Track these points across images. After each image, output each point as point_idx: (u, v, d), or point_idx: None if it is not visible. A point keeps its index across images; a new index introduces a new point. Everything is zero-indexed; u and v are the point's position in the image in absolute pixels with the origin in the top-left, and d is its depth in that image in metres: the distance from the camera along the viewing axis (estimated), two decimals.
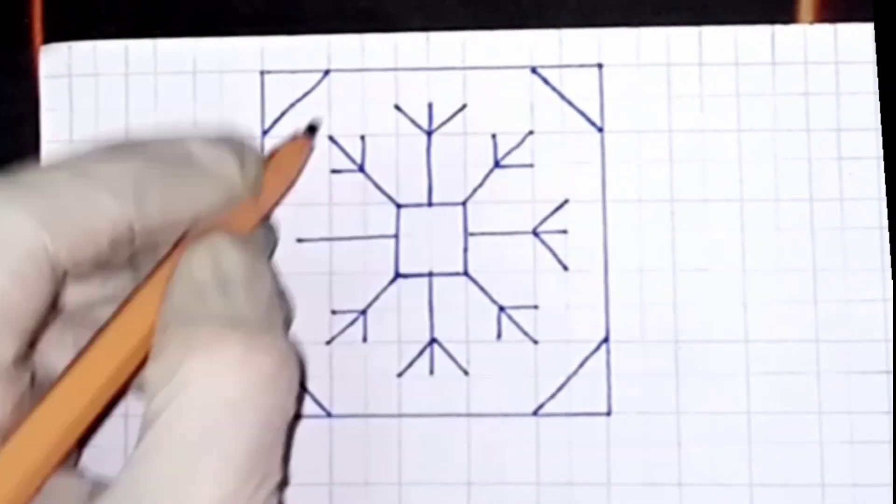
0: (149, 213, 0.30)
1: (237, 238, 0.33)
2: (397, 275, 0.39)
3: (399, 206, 0.39)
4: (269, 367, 0.30)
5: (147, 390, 0.30)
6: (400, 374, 0.38)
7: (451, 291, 0.39)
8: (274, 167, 0.36)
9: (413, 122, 0.39)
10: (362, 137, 0.39)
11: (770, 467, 0.37)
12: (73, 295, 0.34)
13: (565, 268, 0.39)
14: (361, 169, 0.39)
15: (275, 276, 0.34)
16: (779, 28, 0.39)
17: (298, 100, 0.39)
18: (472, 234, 0.39)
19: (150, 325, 0.31)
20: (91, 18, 0.40)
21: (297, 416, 0.38)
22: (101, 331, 0.31)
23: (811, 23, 0.39)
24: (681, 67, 0.39)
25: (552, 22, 0.39)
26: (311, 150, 0.38)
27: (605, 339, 0.38)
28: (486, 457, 0.38)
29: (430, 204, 0.39)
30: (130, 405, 0.37)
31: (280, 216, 0.39)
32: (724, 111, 0.39)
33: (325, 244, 0.39)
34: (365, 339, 0.38)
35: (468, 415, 0.38)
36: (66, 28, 0.40)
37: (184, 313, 0.30)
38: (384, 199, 0.39)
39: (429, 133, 0.39)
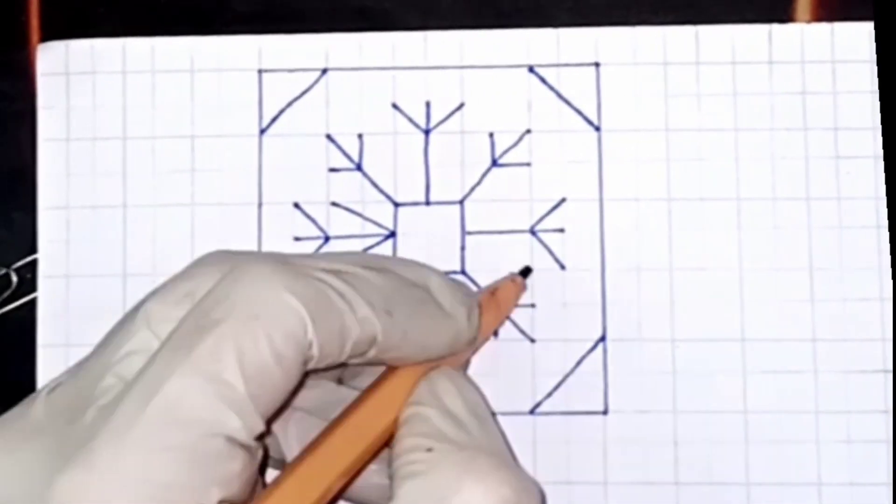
0: (393, 332, 0.31)
1: (466, 373, 0.34)
2: None
3: (397, 205, 0.39)
4: None
5: (402, 500, 0.30)
6: None
7: None
8: (491, 306, 0.36)
9: (411, 120, 0.39)
10: (360, 136, 0.39)
11: (767, 466, 0.37)
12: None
13: (562, 266, 0.39)
14: (359, 167, 0.39)
15: None
16: (776, 27, 0.39)
17: (296, 98, 0.39)
18: (469, 233, 0.39)
19: (378, 435, 0.32)
20: (88, 17, 0.40)
21: None
22: (331, 429, 0.32)
23: (808, 22, 0.39)
24: (678, 66, 0.39)
25: (549, 21, 0.39)
26: (524, 290, 0.38)
27: (602, 338, 0.38)
28: None
29: (427, 202, 0.39)
30: None
31: (278, 215, 0.39)
32: (721, 110, 0.39)
33: (323, 243, 0.39)
34: None
35: None
36: (62, 26, 0.40)
37: (447, 438, 0.31)
38: (382, 197, 0.39)
39: (426, 132, 0.39)
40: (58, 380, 0.31)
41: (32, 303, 0.39)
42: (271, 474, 0.32)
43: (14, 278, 0.39)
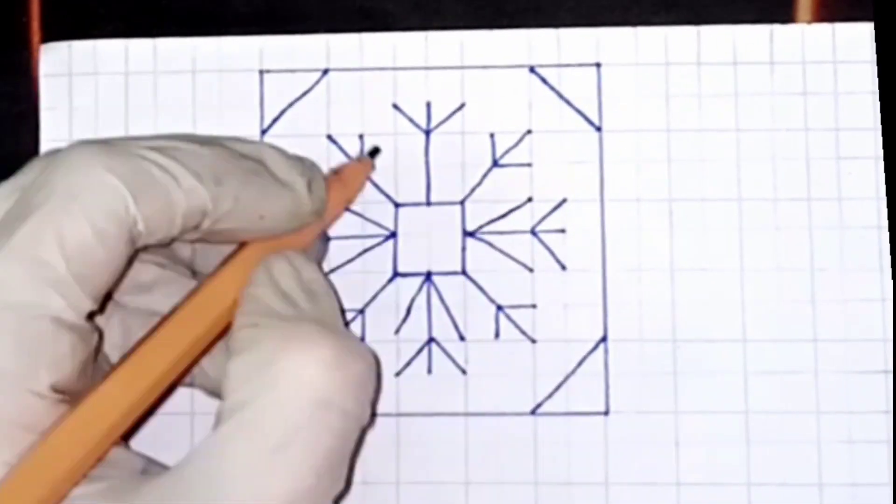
0: (223, 200, 0.31)
1: (307, 253, 0.34)
2: (395, 274, 0.39)
3: (397, 206, 0.39)
4: (359, 372, 0.31)
5: (229, 381, 0.30)
6: (398, 374, 0.38)
7: (449, 291, 0.39)
8: (336, 184, 0.37)
9: (411, 121, 0.39)
10: (361, 137, 0.39)
11: (768, 467, 0.37)
12: (136, 300, 0.35)
13: (563, 267, 0.39)
14: None
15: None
16: (777, 27, 0.39)
17: (297, 99, 0.39)
18: (470, 234, 0.39)
19: (216, 317, 0.32)
20: (89, 18, 0.40)
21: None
22: (167, 316, 0.32)
23: (809, 22, 0.39)
24: (679, 67, 0.39)
25: (550, 21, 0.39)
26: (372, 170, 0.39)
27: (604, 339, 0.38)
28: (484, 456, 0.38)
29: (428, 203, 0.39)
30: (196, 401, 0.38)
31: None
32: (722, 111, 0.39)
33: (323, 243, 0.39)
34: (363, 338, 0.38)
35: (466, 414, 0.38)
36: (63, 27, 0.40)
37: (277, 313, 0.31)
38: (382, 198, 0.39)
39: (427, 132, 0.39)
40: None
41: None
42: None
43: None
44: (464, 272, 0.39)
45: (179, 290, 0.34)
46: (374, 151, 0.39)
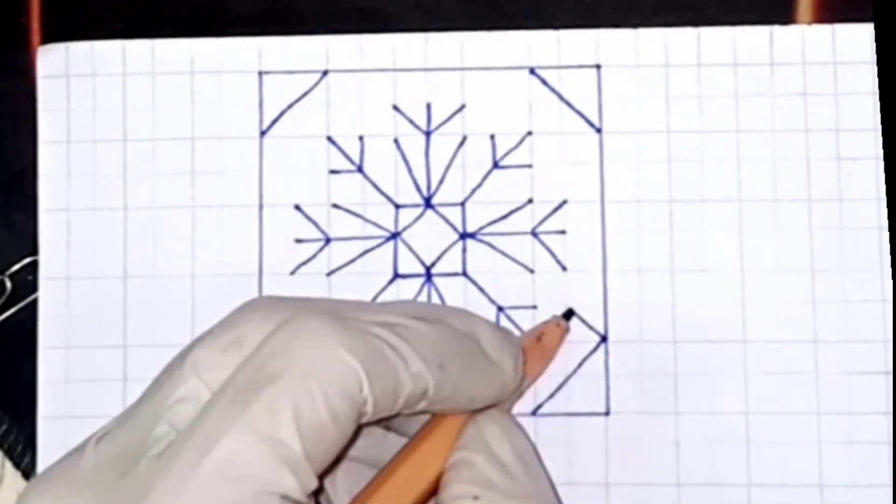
0: (444, 385, 0.31)
1: (513, 417, 0.34)
2: (396, 275, 0.39)
3: (398, 207, 0.39)
4: None
5: None
6: None
7: (449, 292, 0.39)
8: (538, 350, 0.37)
9: (411, 122, 0.39)
10: (361, 138, 0.39)
11: (768, 467, 0.37)
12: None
13: (564, 268, 0.39)
14: (360, 169, 0.39)
15: None
16: (777, 28, 0.39)
17: (297, 100, 0.39)
18: (470, 235, 0.39)
19: (428, 483, 0.32)
20: (89, 19, 0.40)
21: None
22: (382, 477, 0.32)
23: (809, 23, 0.39)
24: (679, 68, 0.39)
25: (550, 23, 0.39)
26: (567, 332, 0.38)
27: (604, 339, 0.38)
28: None
29: (428, 204, 0.39)
30: None
31: (279, 217, 0.39)
32: (722, 112, 0.39)
33: (324, 244, 0.39)
34: None
35: None
36: (63, 28, 0.40)
37: (493, 485, 0.31)
38: (383, 199, 0.39)
39: (427, 133, 0.39)
40: (106, 428, 0.30)
41: (33, 305, 0.39)
42: None
43: (8, 284, 0.39)
44: (464, 273, 0.39)
45: (376, 441, 0.34)
46: (569, 314, 0.38)
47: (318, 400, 0.28)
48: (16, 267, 0.39)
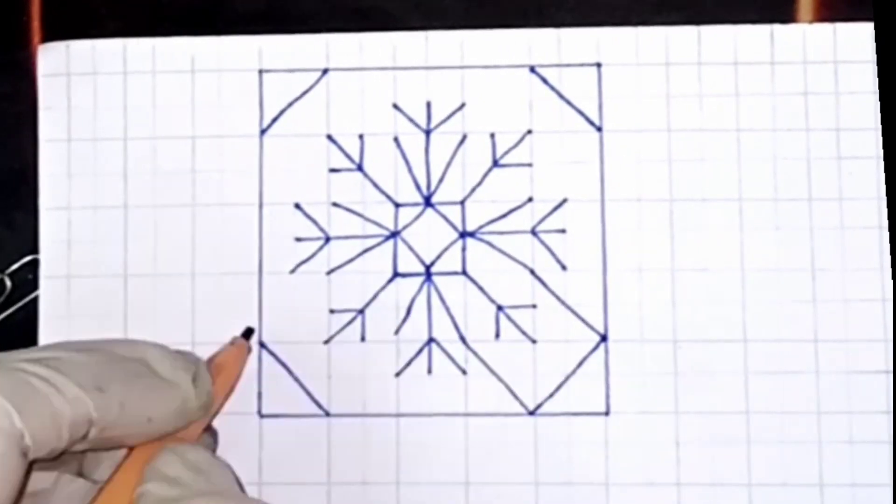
0: (108, 407, 0.31)
1: (200, 444, 0.34)
2: (396, 274, 0.39)
3: (397, 206, 0.39)
4: None
5: None
6: (398, 374, 0.38)
7: (449, 291, 0.39)
8: (216, 373, 0.36)
9: (411, 121, 0.39)
10: (361, 136, 0.39)
11: (769, 467, 0.37)
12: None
13: (564, 267, 0.39)
14: (360, 168, 0.39)
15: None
16: (778, 27, 0.39)
17: (297, 99, 0.39)
18: (470, 234, 0.39)
19: None
20: (89, 17, 0.40)
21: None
22: None
23: (810, 22, 0.39)
24: (680, 67, 0.39)
25: (551, 21, 0.39)
26: (248, 352, 0.38)
27: (604, 339, 0.38)
28: (485, 456, 0.38)
29: (428, 203, 0.39)
30: None
31: (279, 215, 0.39)
32: (723, 111, 0.39)
33: (324, 243, 0.39)
34: (363, 339, 0.38)
35: (466, 414, 0.38)
36: (64, 26, 0.40)
37: (169, 500, 0.31)
38: (383, 198, 0.39)
39: (427, 132, 0.39)
40: None
41: (34, 303, 0.39)
42: None
43: (8, 283, 0.39)
44: (464, 272, 0.39)
45: (77, 494, 0.34)
46: (248, 332, 0.38)
47: None
48: (16, 265, 0.39)
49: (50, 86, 0.40)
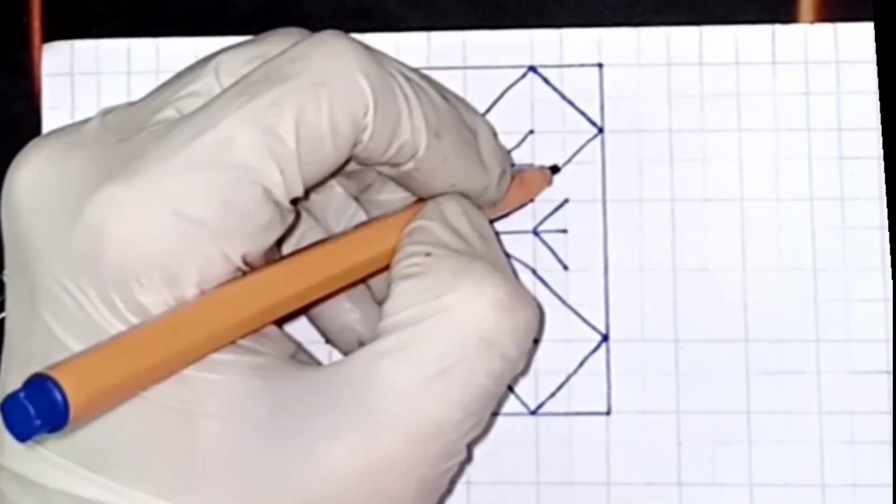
0: (434, 154, 0.31)
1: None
2: None
3: None
4: (526, 319, 0.31)
5: (397, 301, 0.30)
6: None
7: None
8: (517, 183, 0.37)
9: None
10: None
11: (770, 467, 0.37)
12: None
13: (565, 267, 0.39)
14: None
15: None
16: (779, 27, 0.39)
17: None
18: None
19: (385, 250, 0.32)
20: (90, 17, 0.40)
21: None
22: (346, 233, 0.33)
23: (811, 22, 0.39)
24: (681, 67, 0.39)
25: (552, 21, 0.39)
26: (549, 185, 0.39)
27: (605, 339, 0.38)
28: (486, 456, 0.38)
29: None
30: None
31: None
32: (724, 111, 0.39)
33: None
34: None
35: None
36: (65, 26, 0.40)
37: (449, 246, 0.31)
38: None
39: None
40: (116, 106, 0.32)
41: None
42: None
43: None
44: None
45: (347, 210, 0.35)
46: (555, 169, 0.39)
47: (323, 109, 0.29)
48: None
49: (53, 85, 0.40)
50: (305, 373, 0.30)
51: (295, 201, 0.30)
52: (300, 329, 0.37)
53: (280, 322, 0.32)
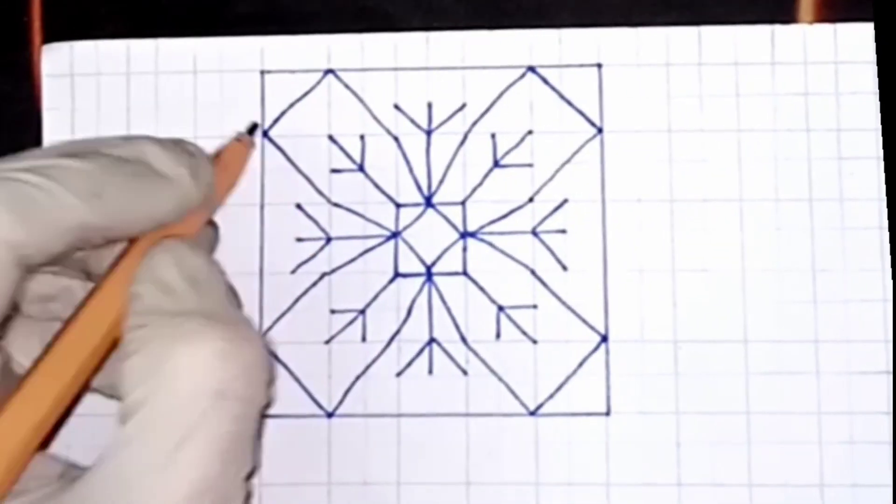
0: (108, 212, 0.31)
1: (192, 241, 0.34)
2: (396, 274, 0.39)
3: (398, 206, 0.39)
4: (250, 357, 0.31)
5: (125, 383, 0.30)
6: (399, 374, 0.38)
7: (450, 291, 0.39)
8: (219, 167, 0.36)
9: (413, 121, 0.39)
10: (362, 137, 0.39)
11: (769, 468, 0.37)
12: (42, 310, 0.35)
13: (564, 268, 0.39)
14: (361, 168, 0.39)
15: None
16: (778, 28, 0.39)
17: (298, 99, 0.39)
18: (471, 234, 0.39)
19: (112, 322, 0.32)
20: (90, 18, 0.40)
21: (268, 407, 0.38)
22: (65, 326, 0.32)
23: (811, 23, 0.39)
24: (680, 67, 0.39)
25: (551, 21, 0.39)
26: (253, 148, 0.39)
27: (605, 339, 0.38)
28: (485, 457, 0.38)
29: (429, 203, 0.39)
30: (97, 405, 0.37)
31: (280, 216, 0.39)
32: (723, 111, 0.39)
33: (325, 243, 0.39)
34: (364, 339, 0.38)
35: (467, 415, 0.38)
36: (64, 27, 0.40)
37: (160, 310, 0.31)
38: (384, 198, 0.39)
39: (428, 133, 0.39)
40: None
41: None
42: None
43: None
44: (465, 273, 0.39)
45: (80, 293, 0.34)
46: (253, 128, 0.38)
47: None
48: None
49: (53, 86, 0.40)
50: (71, 490, 0.30)
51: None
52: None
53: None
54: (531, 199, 0.39)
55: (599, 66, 0.39)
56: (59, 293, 0.35)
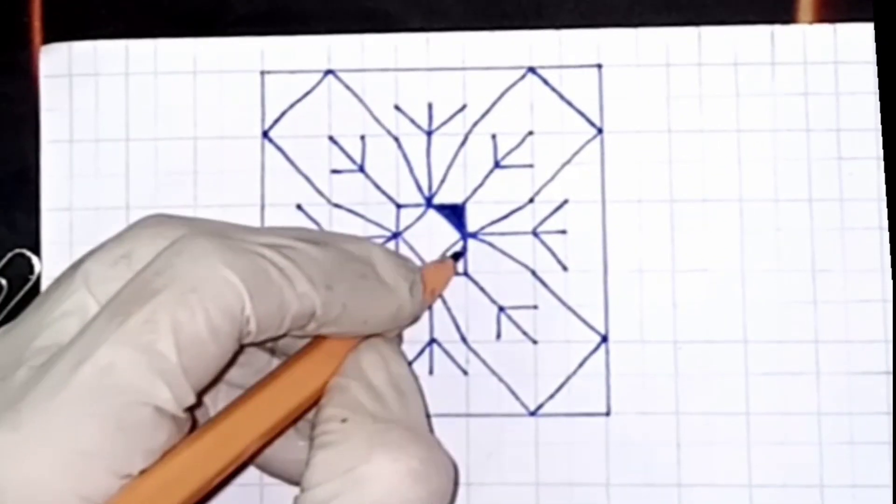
0: (332, 306, 0.31)
1: (395, 344, 0.35)
2: None
3: (399, 206, 0.39)
4: (440, 485, 0.31)
5: (314, 473, 0.30)
6: None
7: (450, 291, 0.39)
8: (426, 283, 0.36)
9: (413, 122, 0.39)
10: (362, 137, 0.39)
11: (769, 468, 0.37)
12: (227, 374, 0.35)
13: (565, 268, 0.39)
14: (361, 169, 0.39)
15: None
16: (778, 28, 0.39)
17: (298, 100, 0.39)
18: (471, 235, 0.39)
19: (301, 400, 0.32)
20: (90, 18, 0.40)
21: None
22: (253, 392, 0.32)
23: (810, 23, 0.39)
24: (680, 68, 0.39)
25: (551, 22, 0.39)
26: (454, 273, 0.39)
27: (605, 340, 0.38)
28: (485, 457, 0.38)
29: (429, 204, 0.39)
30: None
31: (280, 216, 0.39)
32: (723, 111, 0.39)
33: None
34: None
35: (467, 415, 0.38)
36: (64, 27, 0.40)
37: (364, 410, 0.31)
38: (384, 199, 0.39)
39: (429, 133, 0.39)
40: None
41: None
42: None
43: (3, 283, 0.39)
44: (465, 273, 0.39)
45: (264, 366, 0.34)
46: (457, 255, 0.39)
47: (199, 315, 0.28)
48: (3, 261, 0.39)
49: (52, 87, 0.40)
50: None
51: (191, 407, 0.29)
52: None
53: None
54: (531, 200, 0.39)
55: (599, 66, 0.39)
56: (246, 361, 0.35)
